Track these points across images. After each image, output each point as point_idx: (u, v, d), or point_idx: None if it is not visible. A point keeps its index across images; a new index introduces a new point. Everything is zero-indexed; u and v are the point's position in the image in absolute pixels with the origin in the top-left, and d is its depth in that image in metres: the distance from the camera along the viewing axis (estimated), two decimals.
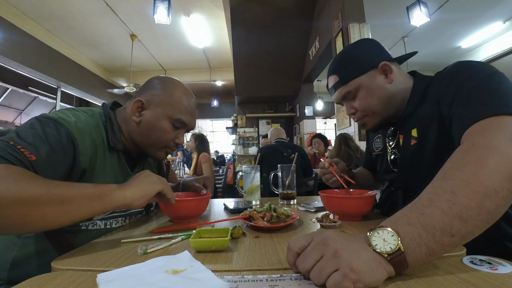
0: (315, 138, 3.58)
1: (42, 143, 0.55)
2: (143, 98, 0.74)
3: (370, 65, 0.72)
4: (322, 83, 6.72)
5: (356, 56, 0.75)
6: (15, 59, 4.13)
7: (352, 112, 0.77)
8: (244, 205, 0.90)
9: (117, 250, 0.50)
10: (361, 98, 0.73)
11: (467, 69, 0.60)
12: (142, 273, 0.38)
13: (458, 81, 0.59)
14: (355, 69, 0.73)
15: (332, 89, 0.79)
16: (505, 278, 0.35)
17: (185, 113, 0.75)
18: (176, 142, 0.78)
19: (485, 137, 0.45)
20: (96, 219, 0.67)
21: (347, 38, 2.84)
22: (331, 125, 9.20)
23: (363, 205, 0.70)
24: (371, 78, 0.72)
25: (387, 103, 0.73)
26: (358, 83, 0.72)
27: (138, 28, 4.78)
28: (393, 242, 0.35)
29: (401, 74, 0.75)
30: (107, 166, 0.69)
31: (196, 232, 0.52)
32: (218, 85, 7.36)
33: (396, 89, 0.72)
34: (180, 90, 0.76)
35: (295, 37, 4.61)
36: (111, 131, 0.71)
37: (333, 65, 0.78)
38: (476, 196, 0.37)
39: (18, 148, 0.52)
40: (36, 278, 0.38)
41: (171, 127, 0.74)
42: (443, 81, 0.63)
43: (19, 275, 0.59)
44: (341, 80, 0.74)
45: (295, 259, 0.38)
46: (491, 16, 4.41)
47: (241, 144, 6.17)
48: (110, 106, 0.78)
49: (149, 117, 0.73)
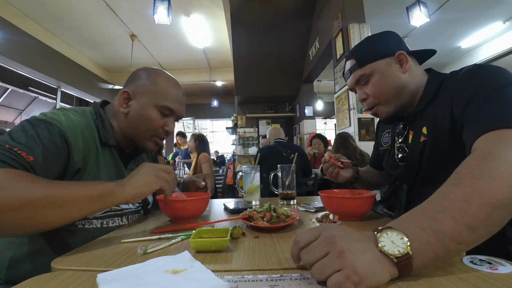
0: (315, 139, 3.58)
1: (36, 144, 0.56)
2: (129, 89, 0.75)
3: (387, 52, 0.74)
4: (322, 83, 6.72)
5: (375, 42, 0.77)
6: (15, 59, 4.13)
7: (363, 97, 0.78)
8: (244, 205, 0.90)
9: (117, 250, 0.50)
10: (374, 83, 0.74)
11: (487, 75, 0.59)
12: (142, 273, 0.38)
13: (475, 84, 0.58)
14: (372, 54, 0.75)
15: (347, 73, 0.80)
16: (505, 278, 0.35)
17: (171, 100, 0.76)
18: (165, 130, 0.78)
19: (501, 149, 0.45)
20: (92, 218, 0.67)
21: (347, 38, 2.85)
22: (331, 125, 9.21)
23: (363, 205, 0.70)
24: (386, 64, 0.73)
25: (399, 92, 0.73)
26: (372, 68, 0.74)
27: (138, 28, 4.78)
28: (402, 246, 0.35)
29: (416, 68, 0.76)
30: (100, 164, 0.70)
31: (196, 232, 0.52)
32: (218, 85, 7.36)
33: (410, 80, 0.73)
34: (164, 78, 0.77)
35: (295, 37, 4.61)
36: (102, 128, 0.72)
37: (353, 50, 0.80)
38: (487, 208, 0.38)
39: (15, 150, 0.52)
40: (36, 278, 0.38)
41: (158, 115, 0.75)
42: (459, 82, 0.62)
43: (17, 274, 0.59)
44: (358, 63, 0.76)
45: (299, 252, 0.38)
46: (491, 16, 4.41)
47: (241, 144, 6.17)
48: (100, 104, 0.79)
49: (136, 107, 0.74)
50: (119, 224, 0.73)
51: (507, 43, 4.94)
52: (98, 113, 0.74)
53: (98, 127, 0.72)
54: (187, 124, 9.51)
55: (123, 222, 0.74)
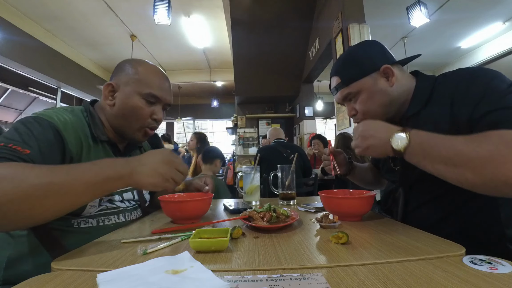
0: (315, 139, 3.59)
1: (30, 139, 0.57)
2: (113, 81, 0.75)
3: (372, 67, 0.72)
4: (322, 84, 6.73)
5: (358, 58, 0.75)
6: (15, 59, 4.13)
7: (353, 113, 0.78)
8: (244, 206, 0.90)
9: (117, 250, 0.50)
10: (362, 101, 0.74)
11: (494, 76, 0.60)
12: (142, 273, 0.38)
13: (485, 84, 0.58)
14: (356, 72, 0.73)
15: (334, 90, 0.80)
16: (505, 278, 0.35)
17: (154, 87, 0.76)
18: (154, 118, 0.78)
19: None
20: (88, 216, 0.67)
21: (347, 38, 2.85)
22: (331, 125, 9.20)
23: (363, 205, 0.70)
24: (373, 81, 0.72)
25: (388, 106, 0.73)
26: (359, 86, 0.73)
27: (138, 28, 4.78)
28: None
29: (403, 77, 0.74)
30: (93, 160, 0.69)
31: (196, 232, 0.52)
32: (218, 86, 7.36)
33: (398, 92, 0.72)
34: (146, 66, 0.77)
35: (295, 38, 4.61)
36: (93, 124, 0.73)
37: (336, 67, 0.79)
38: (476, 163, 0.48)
39: (9, 146, 0.53)
40: (36, 278, 0.38)
41: (144, 103, 0.75)
42: (461, 84, 0.62)
43: (15, 274, 0.58)
44: (343, 81, 0.75)
45: None
46: (491, 16, 4.41)
47: (241, 145, 6.17)
48: (90, 102, 0.80)
49: (121, 97, 0.74)
50: (116, 222, 0.72)
51: (507, 43, 4.94)
52: (88, 111, 0.75)
53: (90, 124, 0.72)
54: (187, 124, 9.51)
55: (120, 220, 0.74)
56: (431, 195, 0.70)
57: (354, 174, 0.99)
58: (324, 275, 0.37)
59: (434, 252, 0.45)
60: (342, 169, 0.95)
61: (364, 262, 0.42)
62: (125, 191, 0.78)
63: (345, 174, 0.98)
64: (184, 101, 8.16)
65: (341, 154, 0.95)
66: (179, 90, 7.66)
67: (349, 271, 0.39)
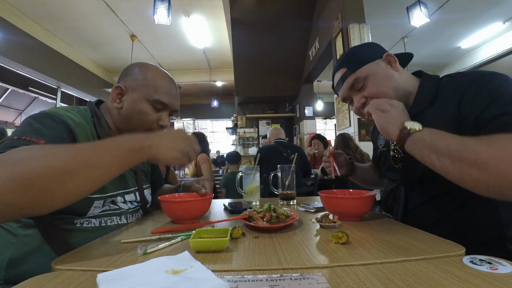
0: (315, 139, 3.59)
1: (43, 132, 0.58)
2: (121, 84, 0.76)
3: (375, 55, 0.75)
4: (322, 84, 6.73)
5: (360, 52, 0.78)
6: (15, 59, 4.13)
7: (362, 102, 0.75)
8: (244, 206, 0.90)
9: (117, 250, 0.50)
10: (371, 85, 0.73)
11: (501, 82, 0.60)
12: (142, 273, 0.38)
13: (494, 88, 0.58)
14: (361, 58, 0.75)
15: (339, 83, 0.78)
16: (505, 278, 0.35)
17: (162, 93, 0.76)
18: (160, 125, 0.78)
19: None
20: (91, 216, 0.67)
21: (347, 38, 2.85)
22: (331, 125, 9.20)
23: (363, 205, 0.70)
24: (378, 65, 0.74)
25: (396, 90, 0.72)
26: (366, 71, 0.73)
27: (138, 28, 4.78)
28: None
29: (404, 71, 0.76)
30: None
31: (196, 232, 0.52)
32: (218, 86, 7.36)
33: (402, 81, 0.73)
34: (155, 72, 0.78)
35: (295, 38, 4.62)
36: (98, 125, 0.73)
37: (339, 62, 0.80)
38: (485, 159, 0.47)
39: (24, 138, 0.54)
40: (36, 278, 0.38)
41: (151, 109, 0.75)
42: (471, 85, 0.62)
43: (17, 274, 0.58)
44: (349, 69, 0.75)
45: None
46: (491, 16, 4.41)
47: (241, 145, 6.17)
48: (95, 103, 0.80)
49: (129, 101, 0.74)
50: (118, 223, 0.73)
51: (507, 43, 4.94)
52: (93, 111, 0.75)
53: (95, 125, 0.73)
54: (187, 124, 9.51)
55: (122, 221, 0.74)
56: (432, 194, 0.70)
57: (356, 175, 0.99)
58: (324, 275, 0.37)
59: (434, 252, 0.45)
60: (343, 170, 0.95)
61: (364, 262, 0.42)
62: (128, 192, 0.78)
63: (346, 175, 0.98)
64: (184, 101, 8.17)
65: (342, 155, 0.94)
66: (179, 90, 7.65)
67: (349, 271, 0.39)
